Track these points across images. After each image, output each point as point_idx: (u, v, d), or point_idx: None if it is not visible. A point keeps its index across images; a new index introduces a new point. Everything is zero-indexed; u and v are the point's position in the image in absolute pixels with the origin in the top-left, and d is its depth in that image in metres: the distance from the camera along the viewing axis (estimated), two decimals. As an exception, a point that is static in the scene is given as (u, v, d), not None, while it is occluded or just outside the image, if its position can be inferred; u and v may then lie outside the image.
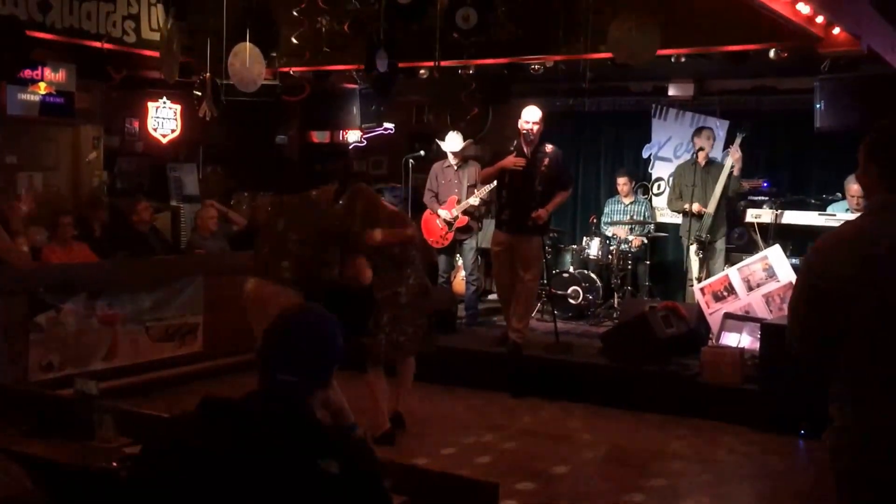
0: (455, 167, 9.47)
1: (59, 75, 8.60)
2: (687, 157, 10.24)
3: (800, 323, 3.03)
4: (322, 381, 2.48)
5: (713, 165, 9.14)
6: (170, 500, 2.27)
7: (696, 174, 8.99)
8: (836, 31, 6.86)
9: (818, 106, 7.55)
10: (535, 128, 7.84)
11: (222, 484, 2.21)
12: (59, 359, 6.95)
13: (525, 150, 7.91)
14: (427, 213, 9.59)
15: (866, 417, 2.84)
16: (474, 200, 9.31)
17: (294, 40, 8.51)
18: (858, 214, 3.22)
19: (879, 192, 2.93)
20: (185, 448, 2.31)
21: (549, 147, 7.98)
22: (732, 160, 8.88)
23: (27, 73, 8.05)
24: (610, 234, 10.12)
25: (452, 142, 9.42)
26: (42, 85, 8.37)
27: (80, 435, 3.55)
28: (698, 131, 9.72)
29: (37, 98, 8.46)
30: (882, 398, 2.81)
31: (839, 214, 8.16)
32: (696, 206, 8.87)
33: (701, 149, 9.18)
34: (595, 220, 10.51)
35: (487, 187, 9.14)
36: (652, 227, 10.32)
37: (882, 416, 2.80)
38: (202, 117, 8.49)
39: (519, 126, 7.92)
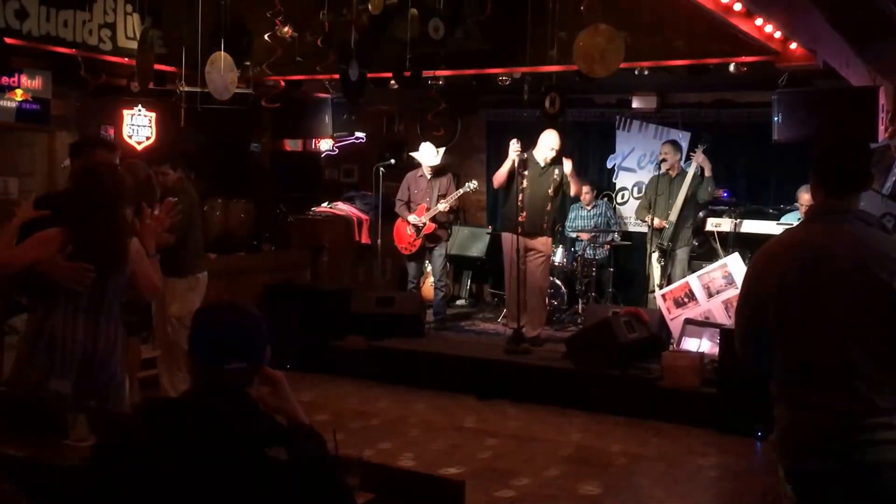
0: (428, 177, 9.67)
1: (36, 82, 8.62)
2: (650, 167, 10.43)
3: (739, 328, 3.23)
4: (260, 367, 2.48)
5: (679, 176, 9.30)
6: (121, 495, 2.32)
7: (662, 185, 9.18)
8: (793, 46, 7.00)
9: (776, 118, 7.69)
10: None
11: (172, 476, 2.25)
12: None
13: None
14: (399, 220, 9.77)
15: (796, 417, 3.00)
16: (443, 206, 9.50)
17: (268, 40, 8.57)
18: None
19: (819, 199, 3.13)
20: (132, 443, 2.34)
21: None
22: (696, 163, 9.05)
23: (3, 80, 8.08)
24: (575, 236, 10.31)
25: (429, 154, 9.59)
26: (18, 92, 8.37)
27: (55, 434, 3.57)
28: (666, 143, 9.79)
29: (13, 105, 8.47)
30: (806, 396, 2.97)
31: (794, 224, 8.34)
32: (656, 221, 9.06)
33: (664, 160, 9.34)
34: (560, 227, 10.69)
35: (455, 195, 9.32)
36: (616, 234, 10.52)
37: (810, 414, 2.95)
38: (177, 125, 8.59)
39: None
